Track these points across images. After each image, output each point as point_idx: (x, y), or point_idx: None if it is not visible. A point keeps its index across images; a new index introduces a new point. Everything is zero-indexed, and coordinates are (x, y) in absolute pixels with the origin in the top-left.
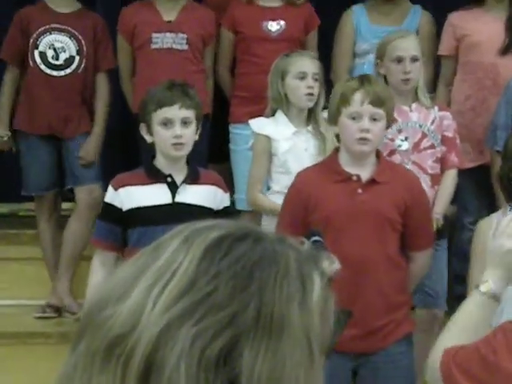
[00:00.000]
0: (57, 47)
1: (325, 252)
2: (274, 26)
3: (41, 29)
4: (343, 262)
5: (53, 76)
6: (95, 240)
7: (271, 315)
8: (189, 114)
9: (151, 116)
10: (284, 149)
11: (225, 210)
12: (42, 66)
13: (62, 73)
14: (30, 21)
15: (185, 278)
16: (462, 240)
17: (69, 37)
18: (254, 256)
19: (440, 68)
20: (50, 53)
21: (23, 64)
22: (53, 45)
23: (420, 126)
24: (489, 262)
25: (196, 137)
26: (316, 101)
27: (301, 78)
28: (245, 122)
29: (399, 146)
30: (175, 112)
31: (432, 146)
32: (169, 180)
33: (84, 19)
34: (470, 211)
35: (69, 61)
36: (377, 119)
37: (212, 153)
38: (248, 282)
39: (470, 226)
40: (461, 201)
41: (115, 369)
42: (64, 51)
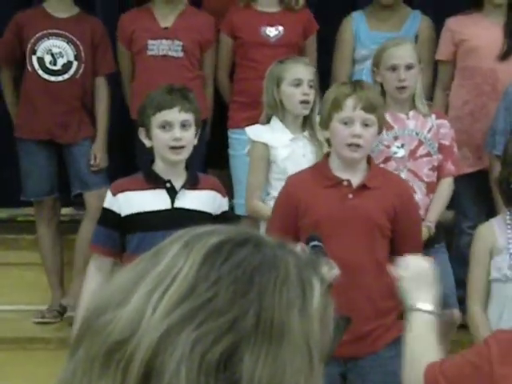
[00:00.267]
0: (54, 52)
1: (324, 257)
2: (273, 32)
3: (38, 34)
4: None
5: (51, 81)
6: (93, 245)
7: (271, 321)
8: (188, 118)
9: (150, 119)
10: (283, 156)
11: (223, 215)
12: (40, 72)
13: (60, 78)
14: (27, 26)
15: (185, 284)
16: (461, 244)
17: (66, 42)
18: (254, 261)
19: (437, 72)
20: (48, 58)
21: (18, 68)
22: (50, 50)
23: (417, 134)
24: (415, 288)
25: (195, 141)
26: (312, 107)
27: (296, 85)
28: (243, 127)
29: (395, 153)
30: (174, 115)
31: (428, 154)
32: (168, 185)
33: (82, 24)
34: (469, 216)
35: (67, 66)
36: (368, 125)
37: (211, 158)
38: (248, 288)
39: (469, 231)
40: (459, 206)
41: (114, 374)
42: (62, 56)
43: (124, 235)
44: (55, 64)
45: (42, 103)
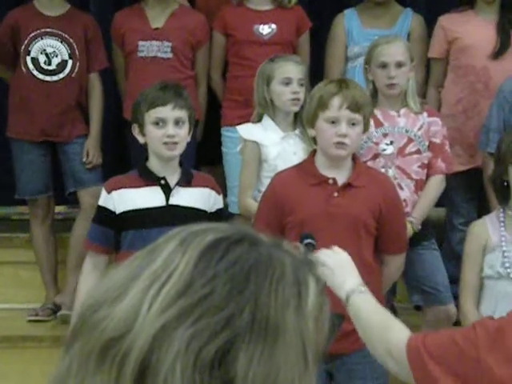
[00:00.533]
0: (48, 52)
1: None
2: (266, 30)
3: (32, 34)
4: None
5: (46, 81)
6: (88, 243)
7: (266, 319)
8: (182, 115)
9: (144, 116)
10: (274, 154)
11: (218, 213)
12: (35, 72)
13: (55, 78)
14: (20, 26)
15: (181, 280)
16: (453, 241)
17: (60, 41)
18: (251, 259)
19: (430, 70)
20: (42, 58)
21: (12, 68)
22: (44, 50)
23: (406, 131)
24: (343, 274)
25: (188, 138)
26: (302, 105)
27: (286, 84)
28: (237, 125)
29: (383, 150)
30: (168, 112)
31: (418, 152)
32: (162, 182)
33: (74, 21)
34: (461, 213)
35: (61, 65)
36: (354, 124)
37: (204, 156)
38: (244, 286)
39: (461, 227)
40: (451, 203)
41: (110, 370)
42: (56, 56)
43: (119, 233)
44: (50, 64)
45: (37, 104)
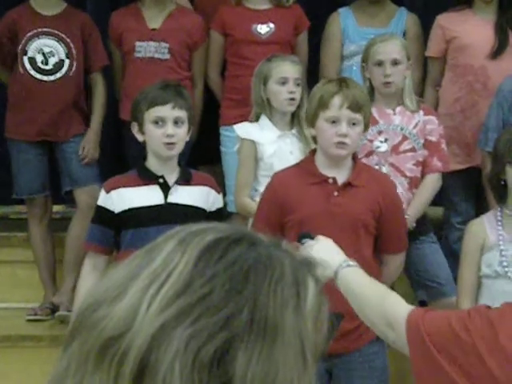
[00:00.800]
0: (45, 52)
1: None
2: (264, 29)
3: (28, 34)
4: None
5: (43, 81)
6: (87, 243)
7: (265, 319)
8: (181, 114)
9: (143, 115)
10: (269, 153)
11: (218, 212)
12: (32, 72)
13: (52, 77)
14: (18, 26)
15: (180, 280)
16: (451, 240)
17: (57, 40)
18: (250, 259)
19: (427, 68)
20: (39, 58)
21: (10, 69)
22: (41, 50)
23: (401, 129)
24: (329, 254)
25: (187, 137)
26: (299, 104)
27: (282, 83)
28: (235, 125)
29: (377, 148)
30: (168, 111)
31: (412, 150)
32: (161, 181)
33: (71, 20)
34: (459, 211)
35: (59, 65)
36: (355, 124)
37: (203, 155)
38: (243, 285)
39: (459, 226)
40: (449, 202)
41: (109, 369)
42: (53, 55)
43: (118, 232)
44: (47, 63)
45: (35, 103)
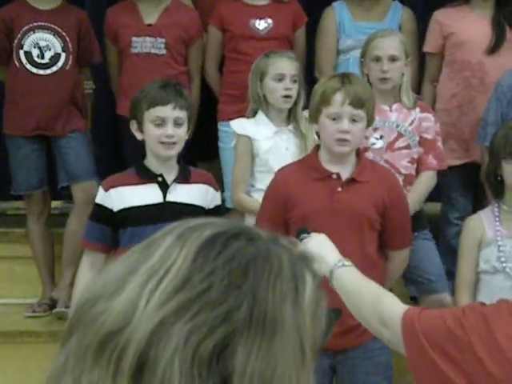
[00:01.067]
0: (41, 46)
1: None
2: (262, 24)
3: (24, 28)
4: None
5: (39, 75)
6: (85, 241)
7: (264, 314)
8: (181, 115)
9: (143, 114)
10: (265, 148)
11: (216, 209)
12: (28, 66)
13: (49, 71)
14: (14, 21)
15: (179, 275)
16: (448, 236)
17: (53, 34)
18: (248, 254)
19: (424, 64)
20: (35, 52)
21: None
22: (37, 43)
23: (397, 126)
24: (324, 252)
25: (186, 136)
26: (296, 100)
27: (278, 80)
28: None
29: (373, 144)
30: (168, 112)
31: (408, 147)
32: (159, 179)
33: (67, 15)
34: (456, 207)
35: (55, 58)
36: (357, 120)
37: (201, 151)
38: (242, 280)
39: (456, 222)
40: (447, 197)
41: (107, 365)
42: (49, 49)
43: (116, 231)
44: (43, 57)
45: (31, 98)
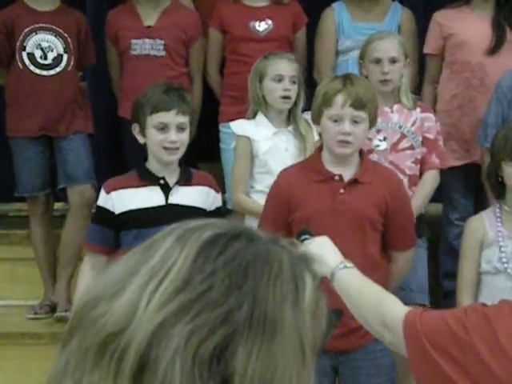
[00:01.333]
0: (44, 47)
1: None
2: (262, 26)
3: (26, 30)
4: None
5: (43, 76)
6: (87, 243)
7: (265, 314)
8: (184, 120)
9: (146, 118)
10: (264, 149)
11: (217, 211)
12: (32, 67)
13: (52, 72)
14: (14, 23)
15: (180, 276)
16: (450, 236)
17: (55, 35)
18: (249, 255)
19: (424, 66)
20: (38, 53)
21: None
22: (40, 45)
23: (400, 127)
24: (326, 253)
25: (188, 141)
26: (295, 102)
27: (277, 81)
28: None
29: (377, 146)
30: (171, 118)
31: (411, 147)
32: (161, 182)
33: (67, 16)
34: (457, 208)
35: (57, 59)
36: (358, 122)
37: (204, 152)
38: (243, 281)
39: (457, 222)
40: (448, 198)
41: (108, 366)
42: (51, 50)
43: (118, 233)
44: (46, 58)
45: (35, 99)
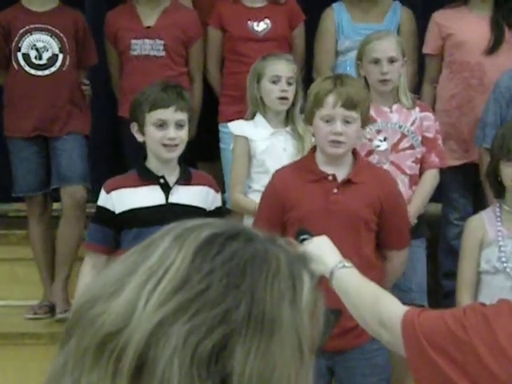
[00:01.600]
0: (39, 47)
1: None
2: (260, 26)
3: (21, 31)
4: None
5: (38, 76)
6: (87, 243)
7: (263, 314)
8: (183, 117)
9: (144, 116)
10: (261, 149)
11: (217, 211)
12: (27, 68)
13: (47, 72)
14: (10, 24)
15: (178, 276)
16: (449, 236)
17: (50, 35)
18: (246, 254)
19: (424, 66)
20: (33, 53)
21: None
22: (35, 45)
23: (400, 127)
24: (324, 253)
25: (187, 138)
26: (293, 102)
27: (275, 82)
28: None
29: (377, 147)
30: (170, 114)
31: (411, 147)
32: (161, 181)
33: (64, 16)
34: (456, 208)
35: (52, 59)
36: (350, 122)
37: (203, 152)
38: (241, 280)
39: (456, 222)
40: (447, 198)
41: (107, 366)
42: (46, 50)
43: (118, 232)
44: (41, 58)
45: (30, 99)
